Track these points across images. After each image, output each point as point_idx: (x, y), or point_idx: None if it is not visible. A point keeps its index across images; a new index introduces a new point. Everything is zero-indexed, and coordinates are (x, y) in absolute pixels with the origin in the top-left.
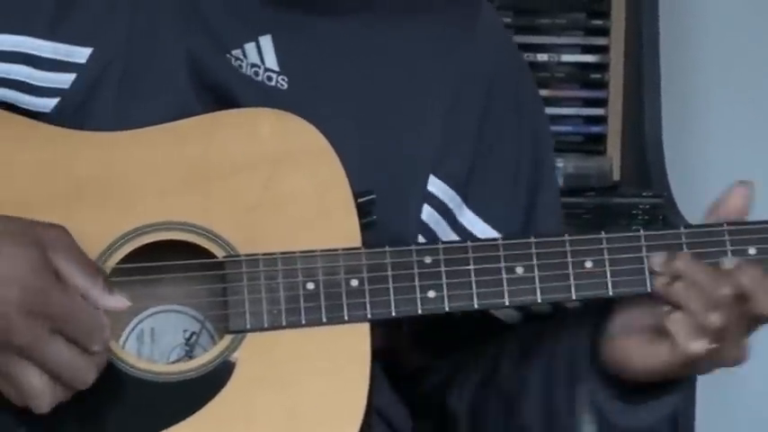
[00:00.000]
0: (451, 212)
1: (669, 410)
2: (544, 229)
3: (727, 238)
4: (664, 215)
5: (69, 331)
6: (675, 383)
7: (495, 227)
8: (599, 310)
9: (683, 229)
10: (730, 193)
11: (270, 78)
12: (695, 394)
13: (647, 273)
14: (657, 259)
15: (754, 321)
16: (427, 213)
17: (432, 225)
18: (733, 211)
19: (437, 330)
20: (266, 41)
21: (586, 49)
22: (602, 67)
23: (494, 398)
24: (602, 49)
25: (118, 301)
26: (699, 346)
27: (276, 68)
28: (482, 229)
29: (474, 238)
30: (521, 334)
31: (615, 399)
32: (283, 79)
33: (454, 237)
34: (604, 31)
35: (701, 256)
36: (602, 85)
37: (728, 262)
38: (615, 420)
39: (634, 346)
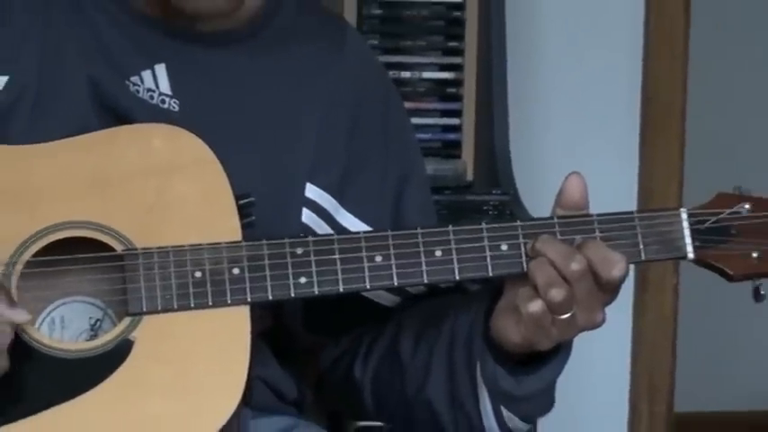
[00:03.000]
0: (329, 214)
1: (551, 378)
2: (413, 222)
3: (557, 229)
4: (511, 210)
5: None
6: (553, 355)
7: (369, 224)
8: (492, 294)
9: (518, 222)
10: (566, 185)
11: (163, 101)
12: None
13: (523, 256)
14: (529, 245)
15: (603, 289)
16: (307, 216)
17: (312, 226)
18: (570, 201)
19: (327, 314)
20: (161, 69)
21: (444, 68)
22: (457, 83)
23: (396, 371)
24: (457, 68)
25: (19, 315)
26: (535, 307)
27: (169, 93)
28: (358, 226)
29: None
30: (417, 315)
31: (506, 372)
32: (175, 102)
33: None
34: (459, 52)
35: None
36: (458, 98)
37: (576, 240)
38: (508, 390)
39: (509, 322)
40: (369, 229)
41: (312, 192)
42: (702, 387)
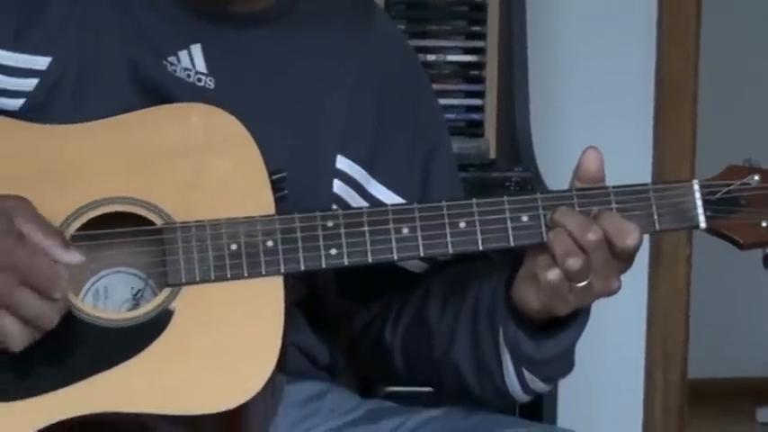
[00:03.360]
0: (360, 185)
1: (570, 341)
2: (440, 194)
3: (575, 201)
4: (532, 186)
5: (34, 282)
6: (572, 321)
7: (400, 194)
8: (513, 264)
9: (538, 195)
10: (584, 158)
11: (200, 80)
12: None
13: (543, 227)
14: (548, 216)
15: (618, 258)
16: (338, 186)
17: (343, 196)
18: (587, 173)
19: (358, 281)
20: (197, 49)
21: (467, 51)
22: (480, 66)
23: (424, 335)
24: (480, 51)
25: (74, 256)
26: (553, 275)
27: (205, 71)
28: (389, 196)
29: (382, 205)
30: (444, 283)
31: (527, 336)
32: (211, 80)
33: (365, 204)
34: (482, 36)
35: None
36: (480, 80)
37: (593, 211)
38: (529, 353)
39: (529, 290)
40: (399, 199)
41: (343, 163)
42: (715, 354)
